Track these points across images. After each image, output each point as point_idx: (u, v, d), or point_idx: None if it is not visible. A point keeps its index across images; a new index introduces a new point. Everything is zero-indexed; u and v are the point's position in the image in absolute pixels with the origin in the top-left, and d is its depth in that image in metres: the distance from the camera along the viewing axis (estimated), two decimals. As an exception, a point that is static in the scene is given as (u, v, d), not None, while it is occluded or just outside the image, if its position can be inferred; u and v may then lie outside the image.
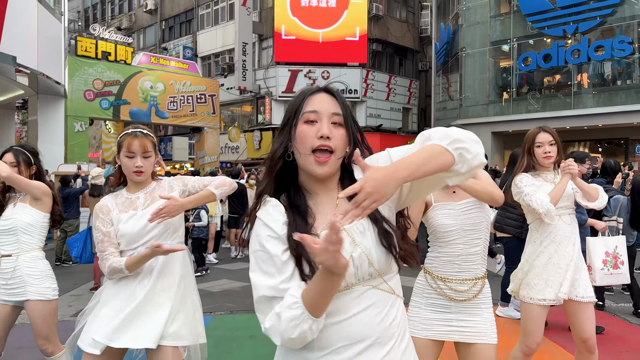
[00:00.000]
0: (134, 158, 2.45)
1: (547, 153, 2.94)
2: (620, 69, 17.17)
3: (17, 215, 3.13)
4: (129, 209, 2.47)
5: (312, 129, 1.30)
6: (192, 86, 23.66)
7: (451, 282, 2.35)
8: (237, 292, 6.74)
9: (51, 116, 14.04)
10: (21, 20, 10.55)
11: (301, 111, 1.33)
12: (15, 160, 3.14)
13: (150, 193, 2.54)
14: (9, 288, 3.11)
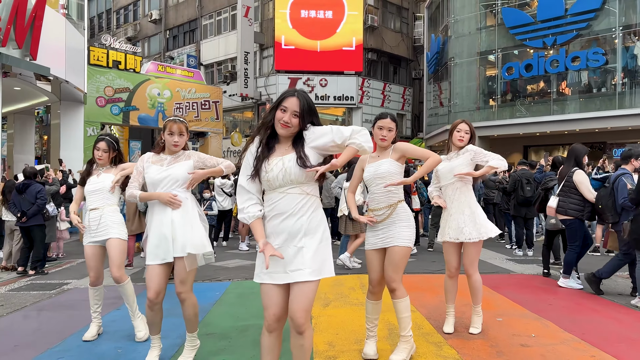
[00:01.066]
0: (172, 136, 3.62)
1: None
2: (596, 77, 18.55)
3: (104, 181, 4.31)
4: (157, 163, 3.64)
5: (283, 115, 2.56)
6: (196, 93, 24.88)
7: (375, 211, 3.63)
8: (249, 267, 8.03)
9: (72, 122, 15.27)
10: (52, 35, 11.83)
11: (280, 104, 2.59)
12: (108, 147, 4.34)
13: (175, 158, 3.67)
14: (97, 232, 4.28)
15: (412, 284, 6.43)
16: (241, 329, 4.55)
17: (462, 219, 4.15)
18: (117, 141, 4.54)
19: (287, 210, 2.55)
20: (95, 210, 4.29)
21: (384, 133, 3.61)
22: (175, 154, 3.69)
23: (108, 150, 4.34)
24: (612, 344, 3.99)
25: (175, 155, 3.68)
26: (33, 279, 7.45)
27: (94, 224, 4.29)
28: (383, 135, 3.61)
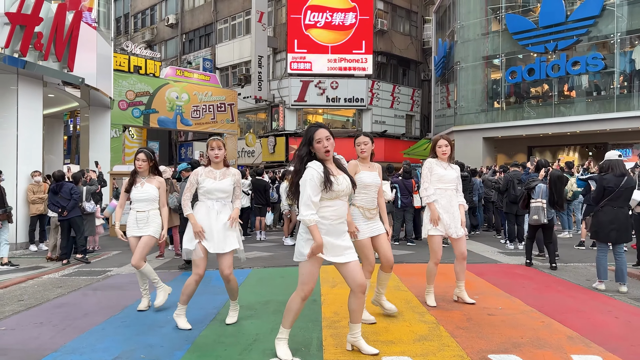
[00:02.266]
0: (213, 150, 4.76)
1: None
2: (596, 81, 19.34)
3: (148, 191, 5.43)
4: (210, 176, 4.74)
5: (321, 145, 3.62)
6: (213, 96, 25.94)
7: (367, 210, 4.64)
8: (266, 258, 9.08)
9: (100, 125, 16.40)
10: (85, 47, 12.95)
11: (314, 138, 3.63)
12: (146, 157, 5.41)
13: (223, 173, 4.80)
14: (142, 228, 5.41)
15: (408, 270, 7.43)
16: (264, 303, 5.58)
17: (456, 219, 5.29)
18: (154, 152, 5.62)
19: (344, 214, 3.66)
20: (142, 212, 5.42)
21: (362, 147, 4.68)
22: (221, 168, 4.78)
23: (147, 160, 5.42)
24: (562, 314, 4.96)
25: (223, 171, 4.78)
26: (79, 267, 8.55)
27: (141, 222, 5.43)
28: (362, 149, 4.68)
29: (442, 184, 5.28)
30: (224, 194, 4.74)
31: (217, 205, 4.72)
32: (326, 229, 3.58)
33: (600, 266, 6.18)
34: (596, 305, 5.37)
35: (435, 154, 5.38)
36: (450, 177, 5.31)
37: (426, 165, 5.35)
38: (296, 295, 3.72)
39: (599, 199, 6.12)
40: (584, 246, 10.03)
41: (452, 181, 5.31)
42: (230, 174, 4.81)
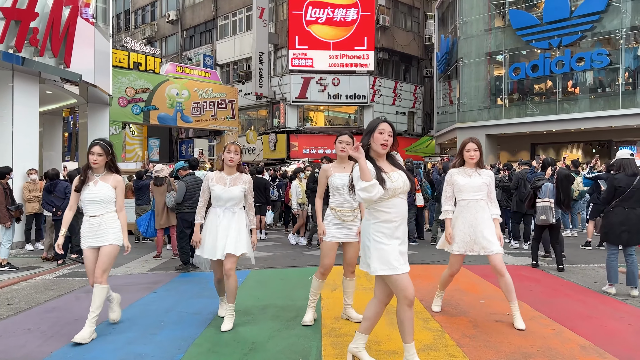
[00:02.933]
0: (230, 154, 4.72)
1: None
2: (600, 77, 19.08)
3: (102, 191, 4.53)
4: (220, 182, 4.73)
5: (381, 136, 3.36)
6: (213, 93, 25.79)
7: (343, 212, 4.49)
8: (266, 258, 8.88)
9: (99, 122, 16.18)
10: (82, 43, 12.73)
11: (377, 128, 3.37)
12: (102, 151, 4.52)
13: (234, 179, 4.76)
14: (97, 237, 4.52)
15: (411, 272, 7.20)
16: (261, 307, 5.37)
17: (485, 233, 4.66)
18: (111, 145, 4.71)
19: (404, 213, 3.40)
20: (95, 217, 4.52)
21: (343, 146, 4.49)
22: (234, 174, 4.75)
23: (103, 154, 4.52)
24: (572, 320, 4.75)
25: (234, 177, 4.73)
26: (74, 267, 8.36)
27: (93, 229, 4.52)
28: (342, 148, 4.48)
29: (465, 195, 4.74)
30: (233, 201, 4.69)
31: (227, 212, 4.71)
32: (390, 231, 3.34)
33: (610, 269, 5.96)
34: (607, 311, 5.16)
35: (463, 159, 4.84)
36: (475, 185, 4.70)
37: (447, 177, 4.91)
38: (401, 305, 3.42)
39: (610, 199, 5.90)
40: (590, 246, 9.81)
41: (477, 190, 4.70)
42: (241, 181, 4.76)
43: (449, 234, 4.79)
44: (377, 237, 3.33)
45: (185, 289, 6.45)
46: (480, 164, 4.81)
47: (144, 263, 8.69)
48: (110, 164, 4.64)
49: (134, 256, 9.50)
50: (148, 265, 8.42)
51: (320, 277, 4.67)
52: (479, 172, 4.77)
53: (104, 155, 4.53)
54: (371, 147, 3.39)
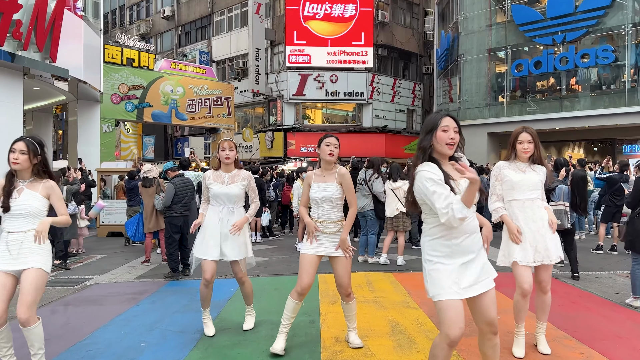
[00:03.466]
0: (224, 151, 4.48)
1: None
2: (605, 74, 18.61)
3: (28, 202, 3.52)
4: (218, 180, 4.51)
5: (446, 134, 2.72)
6: (209, 90, 25.21)
7: (324, 223, 4.03)
8: (261, 264, 8.36)
9: (89, 120, 15.70)
10: (70, 37, 12.21)
11: (440, 124, 2.74)
12: (26, 149, 3.51)
13: (232, 177, 4.52)
14: (16, 258, 3.46)
15: (416, 281, 6.73)
16: (254, 325, 4.87)
17: (548, 238, 3.93)
18: (42, 145, 3.67)
19: (474, 227, 2.74)
20: (16, 234, 3.49)
21: (331, 149, 3.99)
22: (231, 171, 4.54)
23: (27, 152, 3.51)
24: (600, 341, 4.26)
25: (232, 174, 4.53)
26: (57, 274, 7.84)
27: (13, 248, 3.47)
28: (331, 151, 3.99)
29: (518, 194, 3.92)
30: (232, 200, 4.49)
31: (225, 211, 4.50)
32: (450, 250, 2.71)
33: (636, 280, 5.48)
34: (637, 329, 4.68)
35: (515, 152, 4.00)
36: (530, 183, 3.90)
37: (494, 171, 4.07)
38: (440, 340, 2.73)
39: (635, 204, 5.42)
40: (602, 250, 9.35)
41: (532, 188, 3.91)
42: (240, 177, 4.56)
43: (515, 232, 3.87)
44: (432, 256, 2.75)
45: (172, 300, 5.95)
46: (534, 158, 3.97)
47: (132, 269, 8.18)
48: (40, 167, 3.61)
49: (121, 261, 9.01)
50: (135, 272, 7.92)
51: (297, 297, 4.04)
52: (533, 167, 3.96)
53: (28, 155, 3.50)
54: (434, 148, 2.76)
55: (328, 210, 4.03)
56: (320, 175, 4.08)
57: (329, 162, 4.04)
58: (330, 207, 4.03)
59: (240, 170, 4.60)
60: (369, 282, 6.71)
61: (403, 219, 7.83)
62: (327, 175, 4.04)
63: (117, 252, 10.21)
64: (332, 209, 4.04)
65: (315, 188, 4.04)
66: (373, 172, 7.88)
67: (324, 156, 4.02)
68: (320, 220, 4.04)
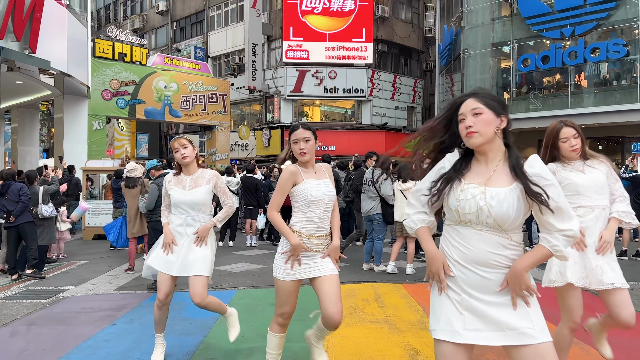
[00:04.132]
0: (178, 152, 3.79)
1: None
2: (616, 69, 17.89)
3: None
4: (179, 185, 3.83)
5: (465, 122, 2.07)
6: (204, 86, 24.44)
7: (313, 239, 3.14)
8: (256, 272, 7.62)
9: (76, 115, 14.92)
10: (53, 27, 11.42)
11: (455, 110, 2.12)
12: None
13: (194, 180, 3.84)
14: None
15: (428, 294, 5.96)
16: (246, 352, 4.12)
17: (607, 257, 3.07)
18: None
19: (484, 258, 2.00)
20: None
21: (301, 146, 3.13)
22: (194, 173, 3.87)
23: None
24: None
25: (195, 177, 3.85)
26: (28, 284, 7.07)
27: None
28: (302, 148, 3.12)
29: (585, 199, 3.10)
30: (195, 207, 3.80)
31: (188, 220, 3.80)
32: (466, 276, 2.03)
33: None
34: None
35: (558, 153, 3.22)
36: (596, 184, 3.10)
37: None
38: None
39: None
40: (626, 256, 8.63)
41: (600, 190, 3.10)
42: (204, 179, 3.86)
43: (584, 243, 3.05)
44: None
45: (152, 319, 5.17)
46: (585, 154, 3.18)
47: (113, 279, 7.41)
48: None
49: (104, 268, 8.24)
50: (117, 282, 7.15)
51: (279, 330, 3.28)
52: (591, 164, 3.16)
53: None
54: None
55: (323, 219, 3.14)
56: (309, 172, 3.21)
57: (308, 163, 3.20)
58: (328, 212, 3.18)
59: (204, 171, 3.91)
60: (377, 295, 5.95)
61: (414, 223, 7.08)
62: (320, 172, 3.25)
63: (101, 257, 9.44)
64: (327, 217, 3.18)
65: (313, 185, 3.12)
66: (381, 173, 7.10)
67: (296, 155, 3.17)
68: (310, 234, 3.12)
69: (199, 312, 4.14)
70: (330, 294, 3.07)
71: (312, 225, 3.12)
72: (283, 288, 3.16)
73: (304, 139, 3.14)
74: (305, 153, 3.13)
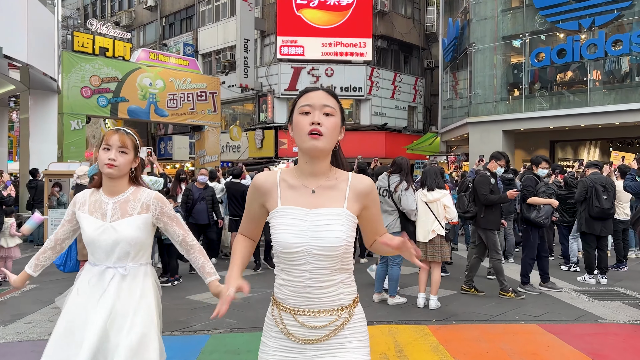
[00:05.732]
0: (109, 151, 2.31)
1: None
2: (639, 64, 16.45)
3: None
4: (97, 212, 2.33)
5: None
6: (192, 83, 23.03)
7: (308, 315, 1.66)
8: (238, 306, 6.00)
9: (44, 113, 13.37)
10: (8, 10, 9.87)
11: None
12: None
13: (121, 204, 2.34)
14: None
15: (467, 344, 4.42)
16: None
17: None
18: None
19: None
20: None
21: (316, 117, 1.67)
22: (123, 191, 2.38)
23: None
24: None
25: (120, 196, 2.36)
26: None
27: None
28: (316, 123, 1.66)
29: None
30: (123, 251, 2.28)
31: (110, 274, 2.28)
32: None
33: None
34: None
35: None
36: None
37: None
38: None
39: None
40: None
41: None
42: (139, 203, 2.35)
43: None
44: None
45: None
46: None
47: (56, 314, 5.82)
48: None
49: (52, 296, 6.61)
50: (59, 320, 5.56)
51: None
52: None
53: None
54: None
55: (314, 278, 1.67)
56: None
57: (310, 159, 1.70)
58: (328, 264, 1.67)
59: (138, 189, 2.39)
60: (398, 347, 4.39)
61: (441, 244, 5.48)
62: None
63: (55, 279, 7.83)
64: (325, 274, 1.67)
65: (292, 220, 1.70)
66: (401, 180, 5.48)
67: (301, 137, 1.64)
68: (295, 307, 1.68)
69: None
70: None
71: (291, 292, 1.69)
72: None
73: (323, 107, 1.68)
74: (321, 135, 1.65)
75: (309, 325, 1.64)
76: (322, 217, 1.63)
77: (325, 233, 1.61)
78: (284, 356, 1.67)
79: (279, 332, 1.69)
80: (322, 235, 1.61)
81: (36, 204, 11.18)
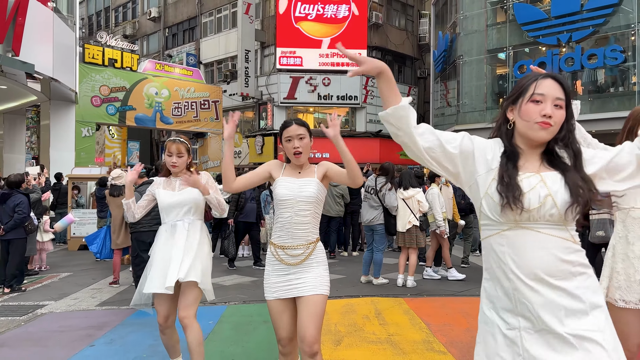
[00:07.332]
0: (171, 157, 3.44)
1: None
2: (613, 76, 17.69)
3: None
4: (168, 188, 3.52)
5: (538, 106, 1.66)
6: (195, 92, 24.12)
7: (289, 250, 2.77)
8: (248, 285, 7.22)
9: (63, 122, 14.49)
10: (38, 30, 11.03)
11: (529, 93, 1.68)
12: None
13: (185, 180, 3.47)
14: None
15: (432, 310, 5.60)
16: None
17: None
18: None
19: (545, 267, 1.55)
20: None
21: (295, 144, 2.78)
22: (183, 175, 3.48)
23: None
24: None
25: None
26: (6, 299, 6.64)
27: None
28: (296, 147, 2.78)
29: None
30: (186, 207, 3.44)
31: (180, 225, 3.41)
32: (494, 293, 1.67)
33: None
34: None
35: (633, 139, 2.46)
36: None
37: None
38: None
39: None
40: None
41: None
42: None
43: None
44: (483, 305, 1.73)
45: (136, 339, 4.77)
46: None
47: (96, 293, 6.98)
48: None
49: (87, 281, 7.80)
50: (100, 297, 6.72)
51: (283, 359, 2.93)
52: None
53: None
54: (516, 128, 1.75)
55: (295, 224, 2.74)
56: (293, 170, 2.88)
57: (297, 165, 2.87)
58: (305, 217, 2.75)
59: (193, 173, 3.52)
60: (378, 312, 5.57)
61: (416, 233, 6.70)
62: (304, 172, 2.86)
63: (86, 269, 8.99)
64: (306, 223, 2.76)
65: (285, 183, 2.79)
66: (386, 182, 6.73)
67: (289, 156, 2.85)
68: (283, 244, 2.77)
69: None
70: (303, 317, 2.70)
71: (284, 233, 2.77)
72: (270, 308, 2.86)
73: (298, 136, 2.79)
74: (300, 153, 2.78)
75: (292, 255, 2.78)
76: (303, 183, 2.79)
77: (304, 190, 2.77)
78: (278, 274, 2.81)
79: (275, 260, 2.83)
80: (303, 191, 2.76)
81: (59, 205, 12.30)
